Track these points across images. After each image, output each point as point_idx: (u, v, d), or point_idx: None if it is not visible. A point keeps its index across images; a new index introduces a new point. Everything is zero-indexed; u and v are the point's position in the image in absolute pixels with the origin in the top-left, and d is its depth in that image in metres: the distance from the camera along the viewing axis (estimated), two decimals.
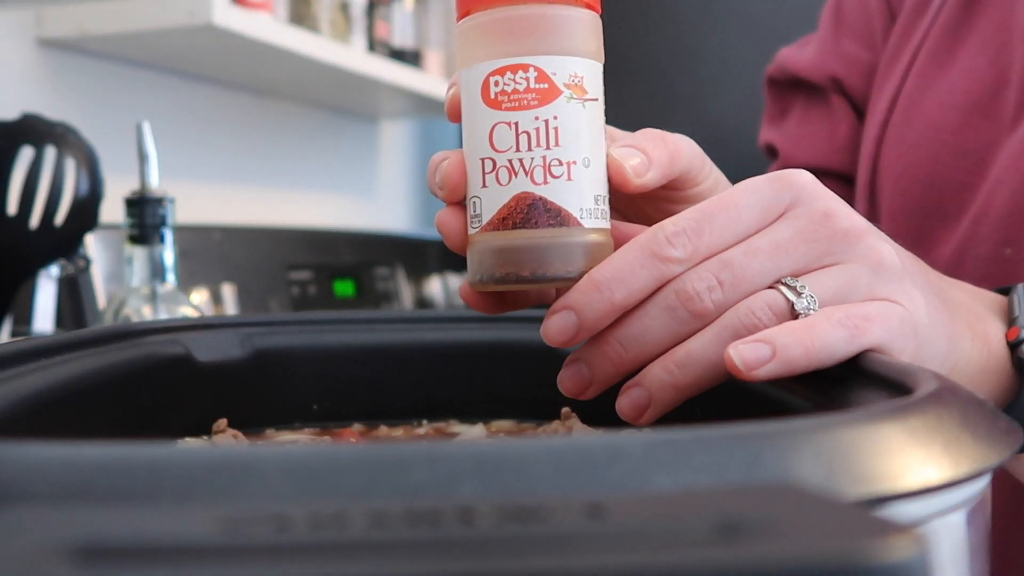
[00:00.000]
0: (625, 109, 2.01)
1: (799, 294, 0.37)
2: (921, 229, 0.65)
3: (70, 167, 0.74)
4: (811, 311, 0.36)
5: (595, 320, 0.37)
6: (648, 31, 1.75)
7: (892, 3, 0.73)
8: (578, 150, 0.38)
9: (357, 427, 0.55)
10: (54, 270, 0.78)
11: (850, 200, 0.74)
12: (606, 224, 0.40)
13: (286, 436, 0.54)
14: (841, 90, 0.76)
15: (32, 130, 0.75)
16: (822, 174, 0.75)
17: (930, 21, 0.68)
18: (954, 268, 0.61)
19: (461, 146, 0.41)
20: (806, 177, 0.38)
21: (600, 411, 0.54)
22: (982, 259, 0.62)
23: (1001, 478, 0.37)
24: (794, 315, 0.36)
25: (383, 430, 0.55)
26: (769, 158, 0.84)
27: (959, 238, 0.64)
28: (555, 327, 0.38)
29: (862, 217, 0.39)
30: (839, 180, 0.76)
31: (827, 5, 0.79)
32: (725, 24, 1.69)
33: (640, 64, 1.74)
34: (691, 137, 0.44)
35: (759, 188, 0.38)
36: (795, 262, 0.37)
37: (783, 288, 0.37)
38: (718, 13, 1.70)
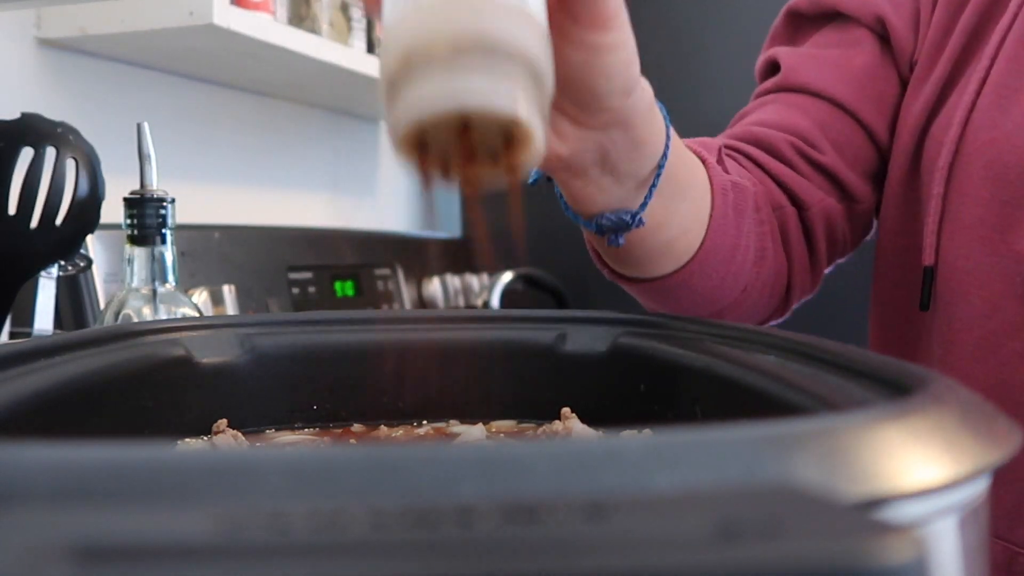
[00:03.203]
0: None
1: None
2: (1010, 218, 0.62)
3: (70, 167, 0.74)
4: None
5: None
6: (648, 31, 1.74)
7: None
8: None
9: (357, 427, 0.55)
10: (54, 270, 0.78)
11: (854, 143, 0.70)
12: None
13: (286, 436, 0.54)
14: (882, 31, 0.71)
15: (32, 130, 0.75)
16: (822, 99, 0.71)
17: (1019, 3, 0.64)
18: None
19: None
20: None
21: (600, 411, 0.54)
22: None
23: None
24: None
25: (383, 430, 0.55)
26: (760, 79, 0.78)
27: None
28: None
29: None
30: (838, 109, 0.71)
31: None
32: (725, 24, 1.69)
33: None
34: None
35: None
36: None
37: None
38: (718, 13, 1.70)
